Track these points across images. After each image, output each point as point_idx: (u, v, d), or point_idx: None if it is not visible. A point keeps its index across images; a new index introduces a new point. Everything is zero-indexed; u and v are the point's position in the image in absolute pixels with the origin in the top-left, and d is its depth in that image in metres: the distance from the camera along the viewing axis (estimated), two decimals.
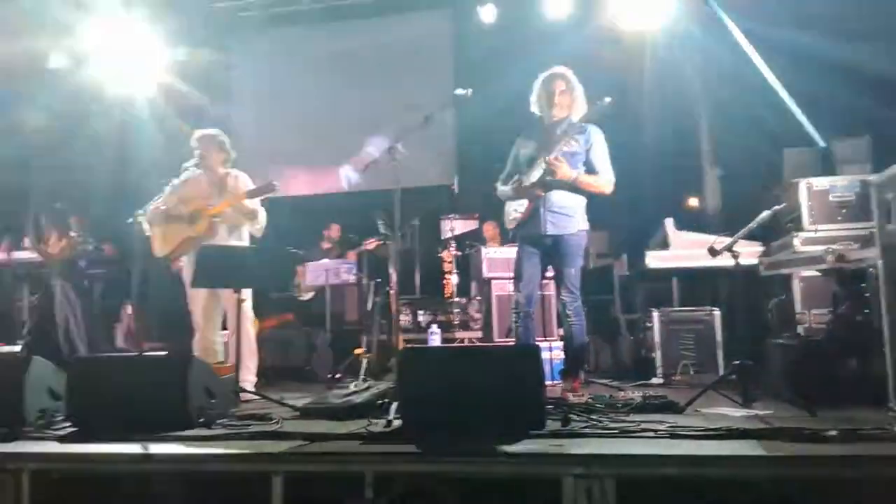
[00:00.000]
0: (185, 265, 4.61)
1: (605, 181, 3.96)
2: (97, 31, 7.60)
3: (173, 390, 3.05)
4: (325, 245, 7.75)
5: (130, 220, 4.46)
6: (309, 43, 8.99)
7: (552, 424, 2.86)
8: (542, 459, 2.43)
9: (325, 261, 7.13)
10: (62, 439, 2.94)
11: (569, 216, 3.93)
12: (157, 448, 2.68)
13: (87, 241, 6.80)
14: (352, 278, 7.11)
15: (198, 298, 4.52)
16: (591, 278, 5.10)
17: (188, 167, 4.56)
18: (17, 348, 6.34)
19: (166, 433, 2.89)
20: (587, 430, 2.81)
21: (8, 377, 3.20)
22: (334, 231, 7.77)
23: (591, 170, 3.97)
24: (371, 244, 6.92)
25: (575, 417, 3.03)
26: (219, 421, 3.17)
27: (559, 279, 3.98)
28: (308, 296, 7.29)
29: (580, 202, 3.99)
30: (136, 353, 5.38)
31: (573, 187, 3.91)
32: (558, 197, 3.92)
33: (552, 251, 3.96)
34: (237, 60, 9.30)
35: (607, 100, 3.76)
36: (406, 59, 8.65)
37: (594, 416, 3.10)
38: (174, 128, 7.72)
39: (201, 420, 3.09)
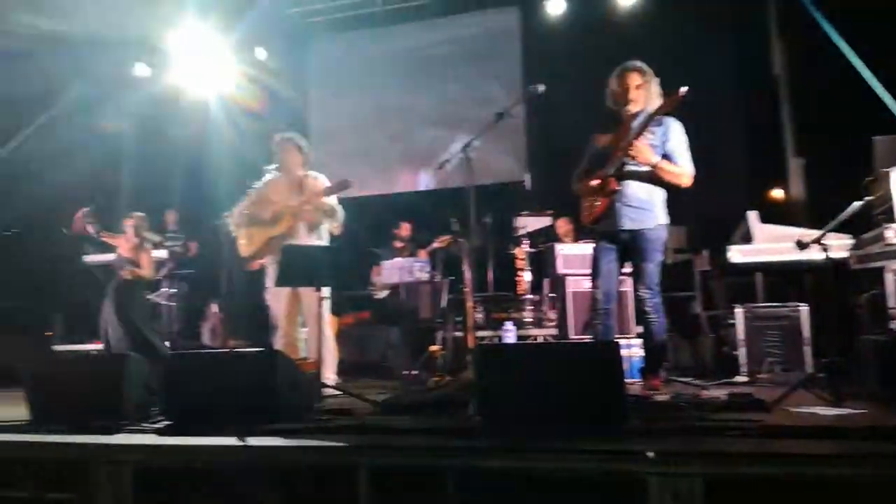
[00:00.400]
0: (269, 264, 4.78)
1: (683, 172, 3.88)
2: (176, 38, 7.96)
3: (262, 384, 3.14)
4: (398, 244, 7.89)
5: (218, 222, 4.65)
6: (379, 44, 9.16)
7: (634, 423, 2.82)
8: (627, 457, 2.40)
9: (399, 259, 7.25)
10: (160, 432, 3.05)
11: (646, 210, 3.87)
12: (248, 441, 2.78)
13: (177, 235, 7.11)
14: (425, 276, 7.20)
15: (280, 297, 4.68)
16: (670, 274, 5.01)
17: (269, 170, 4.73)
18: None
19: (255, 426, 2.99)
20: (672, 428, 2.76)
21: (109, 373, 3.37)
22: (404, 230, 7.90)
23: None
24: (442, 241, 6.99)
25: (658, 415, 2.99)
26: (304, 415, 3.27)
27: (637, 275, 3.91)
28: (383, 294, 7.43)
29: (659, 196, 3.92)
30: (225, 349, 5.60)
31: (651, 178, 3.85)
32: (635, 190, 3.87)
33: (630, 246, 3.90)
34: (310, 63, 9.55)
35: (683, 90, 3.67)
36: (476, 56, 8.71)
37: (678, 414, 3.05)
38: (251, 131, 8.01)
39: (288, 414, 3.18)
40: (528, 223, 6.90)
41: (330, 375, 4.62)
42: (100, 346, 6.76)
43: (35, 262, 8.36)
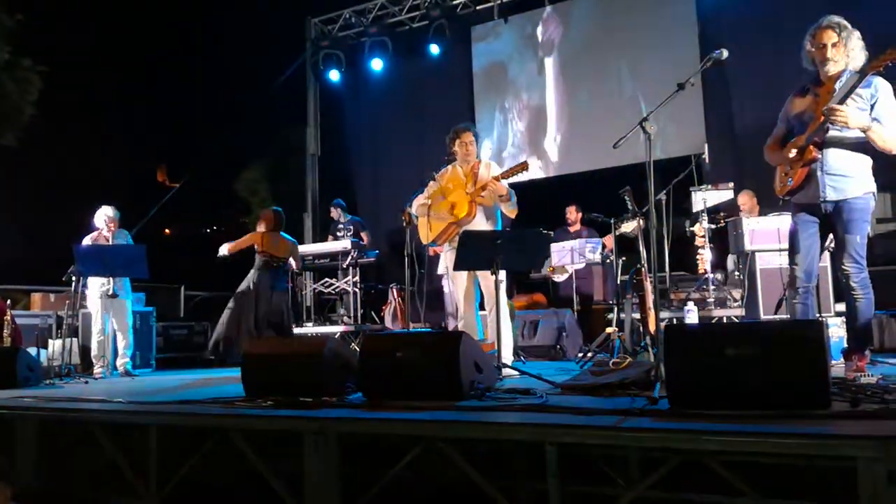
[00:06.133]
0: (447, 250, 4.96)
1: (893, 137, 3.51)
2: None
3: (447, 364, 3.25)
4: (571, 228, 7.89)
5: (401, 211, 4.90)
6: (548, 28, 9.11)
7: (838, 406, 2.62)
8: (833, 441, 2.24)
9: (571, 241, 7.22)
10: (356, 407, 3.26)
11: (851, 177, 3.56)
12: (436, 416, 2.89)
13: (346, 227, 7.79)
14: (597, 257, 7.11)
15: (459, 281, 4.85)
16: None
17: (446, 160, 4.91)
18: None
19: (442, 403, 3.11)
20: (881, 412, 2.51)
21: (310, 354, 3.64)
22: (570, 213, 7.92)
23: None
24: (629, 226, 6.88)
25: (865, 398, 2.76)
26: (487, 394, 3.36)
27: (841, 248, 3.61)
28: (563, 277, 7.43)
29: (864, 162, 3.59)
30: (414, 331, 5.90)
31: (856, 145, 3.52)
32: (836, 157, 3.56)
33: (833, 218, 3.61)
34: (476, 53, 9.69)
35: None
36: (650, 30, 8.39)
37: (889, 398, 2.79)
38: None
39: (472, 392, 3.29)
40: (708, 198, 6.55)
41: (506, 356, 4.70)
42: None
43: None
